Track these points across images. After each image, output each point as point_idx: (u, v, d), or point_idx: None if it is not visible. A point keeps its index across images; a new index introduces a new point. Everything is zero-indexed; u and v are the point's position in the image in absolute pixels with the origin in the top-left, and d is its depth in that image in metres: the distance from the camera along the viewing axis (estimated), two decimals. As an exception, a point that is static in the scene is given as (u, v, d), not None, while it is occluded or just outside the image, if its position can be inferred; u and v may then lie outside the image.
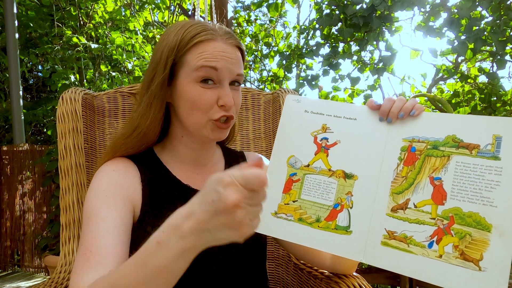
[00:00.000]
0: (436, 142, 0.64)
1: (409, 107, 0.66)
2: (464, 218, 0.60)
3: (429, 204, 0.62)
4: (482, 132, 0.61)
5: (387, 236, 0.64)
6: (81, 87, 1.09)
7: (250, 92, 1.24)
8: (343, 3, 2.66)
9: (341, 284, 0.78)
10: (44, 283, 0.90)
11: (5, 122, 5.71)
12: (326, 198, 0.68)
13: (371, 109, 0.69)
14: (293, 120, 0.73)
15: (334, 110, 0.71)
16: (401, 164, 0.66)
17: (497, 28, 2.33)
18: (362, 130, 0.69)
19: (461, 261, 0.59)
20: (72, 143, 1.00)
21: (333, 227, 0.67)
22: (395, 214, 0.64)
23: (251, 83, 4.66)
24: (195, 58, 0.70)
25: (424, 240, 0.61)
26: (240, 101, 0.77)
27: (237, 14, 4.45)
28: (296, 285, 1.02)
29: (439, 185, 0.62)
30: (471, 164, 0.61)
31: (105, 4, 4.13)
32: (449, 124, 0.64)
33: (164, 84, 0.72)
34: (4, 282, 3.20)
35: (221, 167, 0.85)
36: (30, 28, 4.23)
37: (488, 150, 0.60)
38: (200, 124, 0.72)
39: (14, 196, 3.58)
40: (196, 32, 0.71)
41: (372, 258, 0.64)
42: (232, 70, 0.72)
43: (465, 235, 0.59)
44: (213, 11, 1.97)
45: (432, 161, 0.64)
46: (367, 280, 0.80)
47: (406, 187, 0.64)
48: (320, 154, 0.70)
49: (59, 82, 3.39)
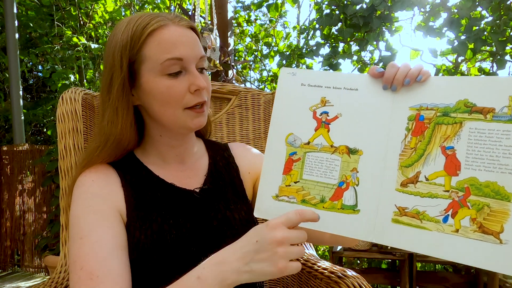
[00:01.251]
0: (446, 108, 0.59)
1: (415, 73, 0.60)
2: (481, 189, 0.55)
3: (442, 176, 0.58)
4: (496, 94, 0.56)
5: (398, 213, 0.59)
6: (81, 87, 1.09)
7: (250, 92, 1.24)
8: (343, 3, 2.66)
9: (341, 284, 0.78)
10: (44, 283, 0.89)
11: (5, 122, 5.71)
12: (329, 176, 0.64)
13: (373, 77, 0.64)
14: (289, 95, 0.67)
15: (333, 82, 0.66)
16: (409, 135, 0.61)
17: (497, 28, 2.33)
18: (365, 101, 0.64)
19: (480, 235, 0.54)
20: (72, 143, 1.00)
21: (339, 207, 0.63)
22: (405, 189, 0.60)
23: (251, 83, 4.66)
24: (154, 51, 0.67)
25: (438, 215, 0.57)
26: (209, 83, 0.74)
27: (237, 14, 4.45)
28: (296, 285, 1.02)
29: (451, 155, 0.58)
30: (486, 130, 0.56)
31: (105, 4, 4.14)
32: (460, 88, 0.58)
33: (126, 85, 0.68)
34: (4, 282, 3.20)
35: (205, 161, 0.83)
36: (30, 28, 4.24)
37: (504, 114, 0.55)
38: (176, 117, 0.69)
39: (14, 196, 3.58)
40: (146, 22, 0.67)
41: (383, 237, 0.60)
42: (195, 53, 0.69)
43: (483, 207, 0.55)
44: (213, 11, 1.97)
45: (443, 130, 0.59)
46: (367, 280, 0.80)
47: (416, 159, 0.60)
48: (321, 130, 0.66)
49: (59, 82, 3.39)
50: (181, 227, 0.71)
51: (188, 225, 0.72)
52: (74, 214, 0.67)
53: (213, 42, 1.72)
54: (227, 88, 1.23)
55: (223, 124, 1.24)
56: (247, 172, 0.84)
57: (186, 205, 0.74)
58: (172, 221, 0.71)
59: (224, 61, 1.87)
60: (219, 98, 1.24)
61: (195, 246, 0.70)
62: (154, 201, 0.72)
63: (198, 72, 0.70)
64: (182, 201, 0.74)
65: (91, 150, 0.73)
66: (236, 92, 1.23)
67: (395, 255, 2.03)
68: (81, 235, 0.64)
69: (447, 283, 2.23)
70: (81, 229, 0.65)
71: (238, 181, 0.82)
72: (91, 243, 0.63)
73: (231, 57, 2.01)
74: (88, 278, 0.60)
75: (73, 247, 0.64)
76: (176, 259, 0.67)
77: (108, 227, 0.66)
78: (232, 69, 1.95)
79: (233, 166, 0.84)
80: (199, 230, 0.72)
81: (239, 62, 4.03)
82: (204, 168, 0.81)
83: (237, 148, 0.88)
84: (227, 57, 1.90)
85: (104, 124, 0.71)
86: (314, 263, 0.93)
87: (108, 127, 0.70)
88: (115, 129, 0.70)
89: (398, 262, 2.24)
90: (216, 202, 0.77)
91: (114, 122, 0.70)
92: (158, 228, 0.69)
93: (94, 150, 0.72)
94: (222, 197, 0.78)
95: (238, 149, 0.88)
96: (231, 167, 0.83)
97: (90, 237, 0.63)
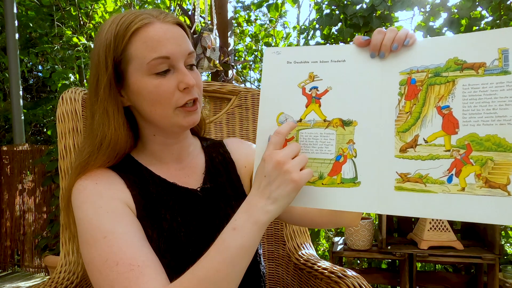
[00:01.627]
0: (437, 68, 0.58)
1: (402, 37, 0.60)
2: (482, 143, 0.55)
3: (441, 136, 0.57)
4: (485, 49, 0.56)
5: (400, 180, 0.58)
6: (81, 87, 1.09)
7: (250, 92, 1.24)
8: (343, 3, 2.66)
9: (341, 284, 0.78)
10: (44, 283, 0.89)
11: (5, 122, 5.71)
12: (326, 151, 0.63)
13: (359, 46, 0.63)
14: (276, 75, 0.66)
15: (319, 56, 0.64)
16: (402, 100, 0.60)
17: (497, 28, 2.33)
18: (354, 71, 0.63)
19: (487, 190, 0.54)
20: (72, 143, 1.00)
21: (338, 182, 0.62)
22: (405, 154, 0.59)
23: (251, 83, 4.66)
24: (140, 50, 0.65)
25: (442, 176, 0.56)
26: (201, 81, 0.72)
27: (237, 14, 4.45)
28: (296, 285, 1.02)
29: (448, 114, 0.57)
30: (479, 85, 0.56)
31: (105, 4, 4.13)
32: (448, 47, 0.58)
33: (112, 85, 0.67)
34: (4, 282, 3.20)
35: (201, 159, 0.82)
36: (30, 28, 4.23)
37: (495, 66, 0.55)
38: (167, 116, 0.68)
39: (14, 196, 3.58)
40: (130, 21, 0.66)
41: (388, 207, 0.59)
42: (182, 50, 0.67)
43: (487, 161, 0.54)
44: (213, 11, 1.97)
45: (436, 90, 0.58)
46: (367, 280, 0.80)
47: (413, 123, 0.59)
48: (312, 106, 0.64)
49: (59, 82, 3.39)
50: (188, 225, 0.72)
51: (194, 223, 0.73)
52: (85, 218, 0.64)
53: (213, 42, 1.72)
54: (227, 88, 1.23)
55: (223, 124, 1.24)
56: (243, 166, 0.85)
57: (190, 204, 0.75)
58: (180, 219, 0.72)
59: (224, 61, 1.87)
60: (219, 98, 1.24)
61: (202, 243, 0.70)
62: (160, 200, 0.73)
63: (186, 70, 0.69)
64: (186, 200, 0.75)
65: (86, 155, 0.70)
66: (236, 92, 1.23)
67: (395, 255, 2.03)
68: (104, 234, 0.62)
69: (447, 283, 2.23)
70: (100, 229, 0.62)
71: (235, 177, 0.83)
72: (120, 236, 0.61)
73: (231, 57, 2.01)
74: (129, 269, 0.58)
75: (97, 248, 0.61)
76: (187, 256, 0.68)
77: (127, 222, 0.65)
78: (232, 69, 1.95)
79: (229, 162, 0.84)
80: (203, 228, 0.73)
81: (239, 62, 4.03)
82: (201, 166, 0.81)
83: (232, 144, 0.88)
84: (227, 57, 1.90)
85: (95, 126, 0.69)
86: (314, 263, 0.93)
87: (100, 129, 0.68)
88: (107, 130, 0.68)
89: (398, 262, 2.24)
90: (217, 200, 0.77)
91: (105, 124, 0.68)
92: (169, 226, 0.69)
93: (90, 155, 0.69)
94: (222, 195, 0.78)
95: (233, 145, 0.88)
96: (228, 163, 0.84)
97: (116, 232, 0.62)
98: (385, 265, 2.85)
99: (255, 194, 0.60)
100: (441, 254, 1.99)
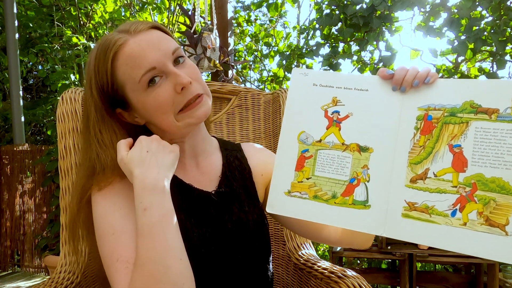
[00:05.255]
0: (453, 109, 0.62)
1: (423, 75, 0.64)
2: (487, 184, 0.58)
3: (450, 172, 0.61)
4: (500, 96, 0.60)
5: (408, 208, 0.62)
6: (81, 87, 1.09)
7: (250, 92, 1.24)
8: (343, 3, 2.66)
9: (341, 284, 0.78)
10: (44, 283, 0.89)
11: (5, 122, 5.71)
12: (341, 173, 0.66)
13: (383, 78, 0.67)
14: (301, 95, 0.70)
15: (344, 82, 0.69)
16: (417, 134, 0.64)
17: (497, 28, 2.33)
18: (375, 101, 0.67)
19: (487, 227, 0.57)
20: (72, 143, 1.00)
21: (350, 203, 0.65)
22: (414, 185, 0.62)
23: (251, 83, 4.66)
24: (126, 72, 0.67)
25: (446, 209, 0.60)
26: (196, 72, 0.72)
27: (237, 14, 4.45)
28: (296, 285, 1.02)
29: (459, 152, 0.61)
30: (491, 129, 0.59)
31: (105, 4, 4.14)
32: (465, 90, 0.62)
33: (104, 115, 0.70)
34: (4, 282, 3.20)
35: (218, 159, 0.82)
36: (30, 28, 4.23)
37: (508, 114, 0.59)
38: (173, 123, 0.69)
39: (14, 196, 3.58)
40: (105, 48, 0.67)
41: (394, 231, 0.62)
42: (165, 53, 0.67)
43: (489, 201, 0.58)
44: (213, 11, 1.97)
45: (450, 129, 0.62)
46: (367, 280, 0.80)
47: (425, 157, 0.63)
48: (332, 128, 0.68)
49: (58, 82, 3.39)
50: (201, 226, 0.72)
51: (207, 225, 0.73)
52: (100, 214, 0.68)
53: (213, 42, 1.72)
54: (227, 88, 1.23)
55: (223, 124, 1.24)
56: (260, 174, 0.84)
57: (204, 206, 0.75)
58: (193, 220, 0.72)
59: (224, 61, 1.87)
60: (219, 98, 1.24)
61: (214, 245, 0.71)
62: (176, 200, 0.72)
63: (177, 70, 0.68)
64: (200, 202, 0.75)
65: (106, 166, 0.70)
66: (236, 92, 1.23)
67: (395, 255, 2.03)
68: (113, 231, 0.65)
69: (447, 283, 2.23)
70: (111, 225, 0.66)
71: (250, 183, 0.82)
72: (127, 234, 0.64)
73: (231, 57, 2.01)
74: (124, 267, 0.61)
75: (105, 243, 0.65)
76: (200, 256, 0.69)
77: None
78: (232, 69, 1.95)
79: (245, 167, 0.84)
80: (215, 231, 0.73)
81: (239, 62, 4.03)
82: (217, 168, 0.81)
83: (250, 149, 0.88)
84: (227, 57, 1.90)
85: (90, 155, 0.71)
86: (314, 263, 0.93)
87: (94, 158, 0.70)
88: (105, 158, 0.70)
89: (398, 262, 2.24)
90: (231, 204, 0.78)
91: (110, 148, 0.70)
92: (182, 226, 0.69)
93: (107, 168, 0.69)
94: (236, 199, 0.79)
95: (251, 150, 0.88)
96: (244, 169, 0.83)
97: (124, 230, 0.65)
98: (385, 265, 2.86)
99: (144, 171, 0.64)
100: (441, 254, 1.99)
